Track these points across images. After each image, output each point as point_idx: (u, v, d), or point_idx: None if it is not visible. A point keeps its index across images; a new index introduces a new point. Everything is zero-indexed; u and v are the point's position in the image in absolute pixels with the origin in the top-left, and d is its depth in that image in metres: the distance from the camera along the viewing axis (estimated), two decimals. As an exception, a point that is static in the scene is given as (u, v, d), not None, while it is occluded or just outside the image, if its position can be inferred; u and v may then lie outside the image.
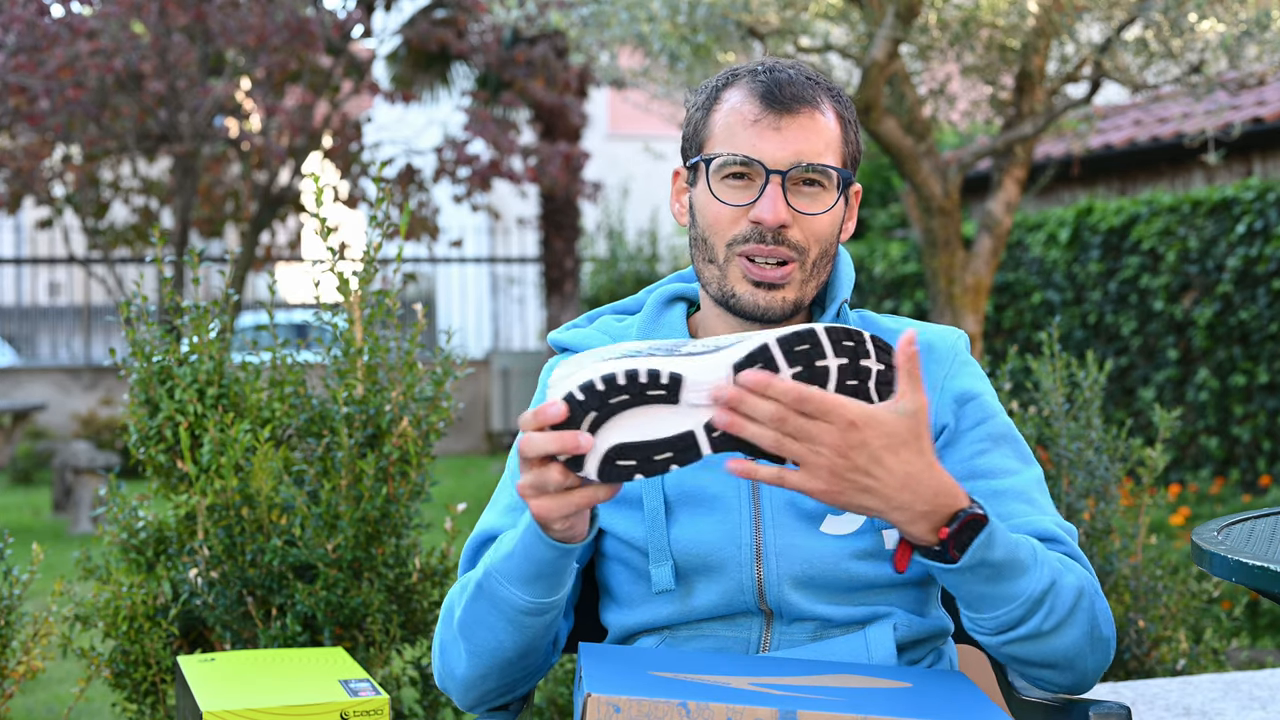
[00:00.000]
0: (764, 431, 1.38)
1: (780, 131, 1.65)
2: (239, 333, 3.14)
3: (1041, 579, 1.52)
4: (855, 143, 1.71)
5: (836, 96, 1.70)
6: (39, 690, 4.81)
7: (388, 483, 2.67)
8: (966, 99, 6.78)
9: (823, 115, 1.67)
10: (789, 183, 1.65)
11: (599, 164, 16.97)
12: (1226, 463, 7.73)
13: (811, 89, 1.67)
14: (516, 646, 1.61)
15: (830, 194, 1.67)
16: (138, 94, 9.45)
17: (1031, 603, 1.51)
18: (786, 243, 1.65)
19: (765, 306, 1.67)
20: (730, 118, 1.67)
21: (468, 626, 1.62)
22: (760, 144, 1.65)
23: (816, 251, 1.67)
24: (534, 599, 1.56)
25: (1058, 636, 1.55)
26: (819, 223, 1.67)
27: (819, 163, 1.65)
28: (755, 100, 1.66)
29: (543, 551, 1.52)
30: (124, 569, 2.71)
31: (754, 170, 1.65)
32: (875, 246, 10.84)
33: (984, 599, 1.51)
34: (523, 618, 1.58)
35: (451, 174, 10.41)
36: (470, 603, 1.62)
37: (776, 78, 1.66)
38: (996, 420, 1.71)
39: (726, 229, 1.67)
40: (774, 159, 1.64)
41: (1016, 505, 1.65)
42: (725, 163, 1.66)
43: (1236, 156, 8.27)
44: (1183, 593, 3.50)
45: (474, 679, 1.66)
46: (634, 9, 5.48)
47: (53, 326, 17.93)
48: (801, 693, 1.44)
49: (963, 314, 5.89)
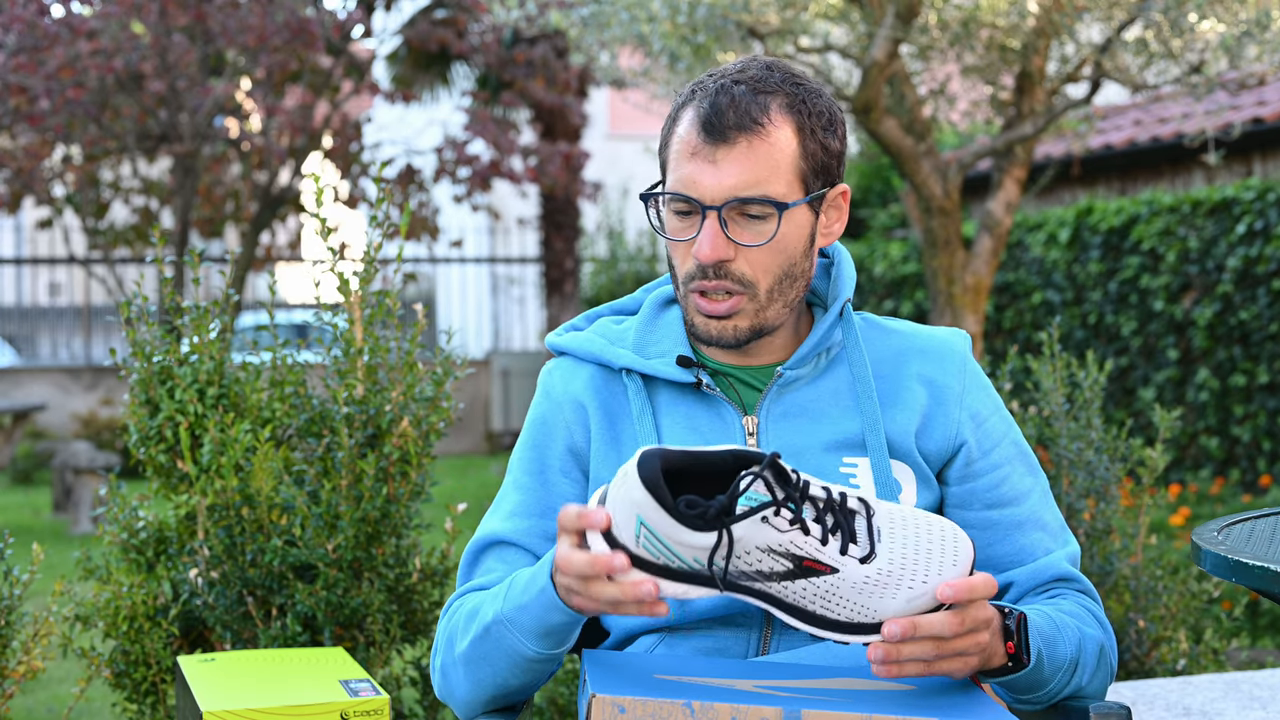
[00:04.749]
0: (921, 668, 1.45)
1: (716, 164, 1.61)
2: (239, 333, 3.14)
3: (1071, 643, 1.61)
4: (822, 148, 1.65)
5: (797, 105, 1.63)
6: (39, 690, 4.81)
7: (388, 483, 2.67)
8: (966, 99, 6.78)
9: (765, 140, 1.61)
10: (727, 215, 1.62)
11: (599, 164, 16.96)
12: (1226, 463, 7.73)
13: (758, 109, 1.61)
14: (521, 684, 1.63)
15: (771, 224, 1.63)
16: (138, 94, 9.45)
17: (1070, 668, 1.61)
18: (730, 276, 1.64)
19: (718, 336, 1.68)
20: (678, 146, 1.65)
21: (472, 662, 1.63)
22: (698, 177, 1.62)
23: (769, 281, 1.66)
24: (543, 650, 1.57)
25: (1088, 687, 1.65)
26: (763, 254, 1.64)
27: (754, 194, 1.61)
28: (695, 129, 1.63)
29: (558, 618, 1.52)
30: (124, 569, 2.71)
31: (693, 205, 1.64)
32: (875, 246, 10.84)
33: (1036, 684, 1.58)
34: (530, 665, 1.59)
35: (451, 174, 10.41)
36: (476, 641, 1.61)
37: (718, 102, 1.61)
38: (1009, 436, 1.75)
39: (679, 264, 1.68)
40: (708, 194, 1.62)
41: (1035, 535, 1.72)
42: (670, 199, 1.66)
43: (1236, 156, 8.27)
44: (1183, 593, 3.50)
45: (475, 703, 1.67)
46: (634, 9, 5.48)
47: (53, 326, 17.93)
48: (805, 694, 1.44)
49: (963, 314, 5.89)
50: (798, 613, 1.42)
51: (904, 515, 1.45)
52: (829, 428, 1.68)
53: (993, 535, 1.71)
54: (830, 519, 1.41)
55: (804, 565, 1.40)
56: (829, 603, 1.41)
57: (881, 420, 1.68)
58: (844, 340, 1.73)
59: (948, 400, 1.71)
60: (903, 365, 1.73)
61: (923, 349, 1.75)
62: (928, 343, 1.75)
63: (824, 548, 1.39)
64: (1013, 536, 1.71)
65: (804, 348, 1.70)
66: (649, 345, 1.74)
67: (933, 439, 1.70)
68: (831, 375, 1.72)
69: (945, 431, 1.70)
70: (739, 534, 1.37)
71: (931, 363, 1.73)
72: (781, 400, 1.70)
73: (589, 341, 1.77)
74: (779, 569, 1.40)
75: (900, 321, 1.80)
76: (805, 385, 1.71)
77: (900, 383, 1.72)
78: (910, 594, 1.41)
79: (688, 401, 1.71)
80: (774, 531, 1.38)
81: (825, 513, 1.41)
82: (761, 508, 1.37)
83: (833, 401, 1.70)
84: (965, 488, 1.71)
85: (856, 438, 1.67)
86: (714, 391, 1.69)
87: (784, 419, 1.68)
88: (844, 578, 1.40)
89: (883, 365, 1.73)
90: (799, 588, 1.41)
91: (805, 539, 1.39)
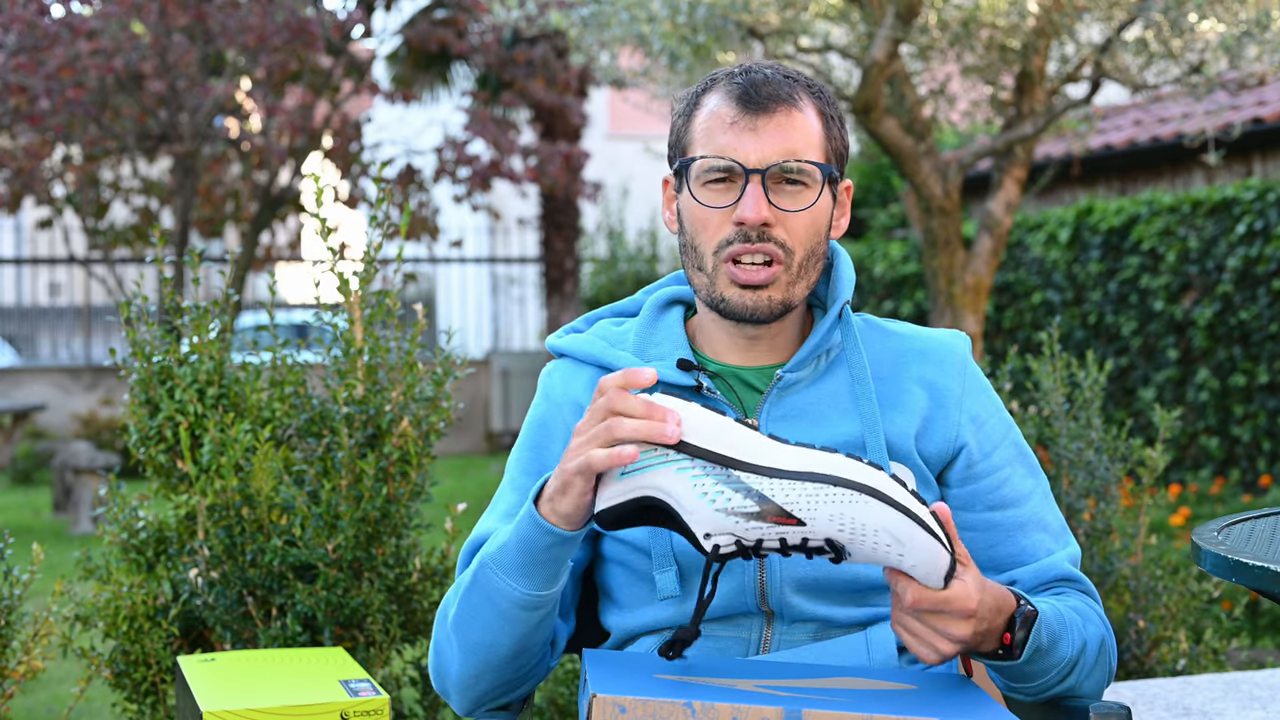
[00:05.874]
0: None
1: (757, 132, 1.65)
2: (239, 333, 3.14)
3: (1074, 644, 1.62)
4: (840, 139, 1.71)
5: (818, 94, 1.70)
6: (39, 690, 4.81)
7: (388, 483, 2.67)
8: (966, 99, 6.78)
9: (801, 113, 1.66)
10: (769, 181, 1.65)
11: (599, 164, 16.96)
12: (1226, 463, 7.73)
13: (789, 87, 1.67)
14: (510, 643, 1.61)
15: (813, 190, 1.67)
16: (138, 94, 9.45)
17: (1067, 668, 1.61)
18: (773, 240, 1.65)
19: (753, 308, 1.67)
20: (709, 121, 1.67)
21: (461, 622, 1.63)
22: (738, 145, 1.65)
23: (803, 252, 1.67)
24: (529, 591, 1.56)
25: (1082, 686, 1.66)
26: (803, 220, 1.66)
27: (798, 159, 1.65)
28: (732, 102, 1.66)
29: (539, 537, 1.52)
30: (124, 569, 2.71)
31: (734, 172, 1.65)
32: (875, 246, 10.84)
33: (1027, 675, 1.59)
34: (517, 611, 1.58)
35: (451, 174, 10.41)
36: (465, 596, 1.62)
37: (752, 79, 1.67)
38: (1009, 438, 1.76)
39: (712, 233, 1.67)
40: (752, 159, 1.64)
41: (1037, 536, 1.73)
42: (706, 166, 1.67)
43: (1236, 156, 8.27)
44: (1183, 593, 3.50)
45: (468, 678, 1.66)
46: (634, 9, 5.48)
47: (53, 326, 17.93)
48: (806, 694, 1.44)
49: (963, 314, 5.89)
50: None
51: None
52: (828, 430, 1.68)
53: (995, 536, 1.71)
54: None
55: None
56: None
57: (880, 423, 1.68)
58: (843, 342, 1.73)
59: (948, 403, 1.72)
60: (902, 368, 1.73)
61: (922, 351, 1.75)
62: (927, 345, 1.76)
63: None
64: (1015, 537, 1.72)
65: (803, 350, 1.70)
66: (649, 348, 1.74)
67: (933, 441, 1.70)
68: (831, 378, 1.72)
69: (945, 434, 1.71)
70: None
71: (931, 365, 1.74)
72: (781, 403, 1.70)
73: (589, 344, 1.77)
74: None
75: (900, 323, 1.80)
76: (805, 388, 1.71)
77: (900, 385, 1.72)
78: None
79: (688, 404, 1.71)
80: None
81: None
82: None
83: (832, 404, 1.70)
84: (967, 490, 1.72)
85: (856, 440, 1.67)
86: (714, 394, 1.69)
87: (784, 421, 1.69)
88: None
89: (882, 367, 1.73)
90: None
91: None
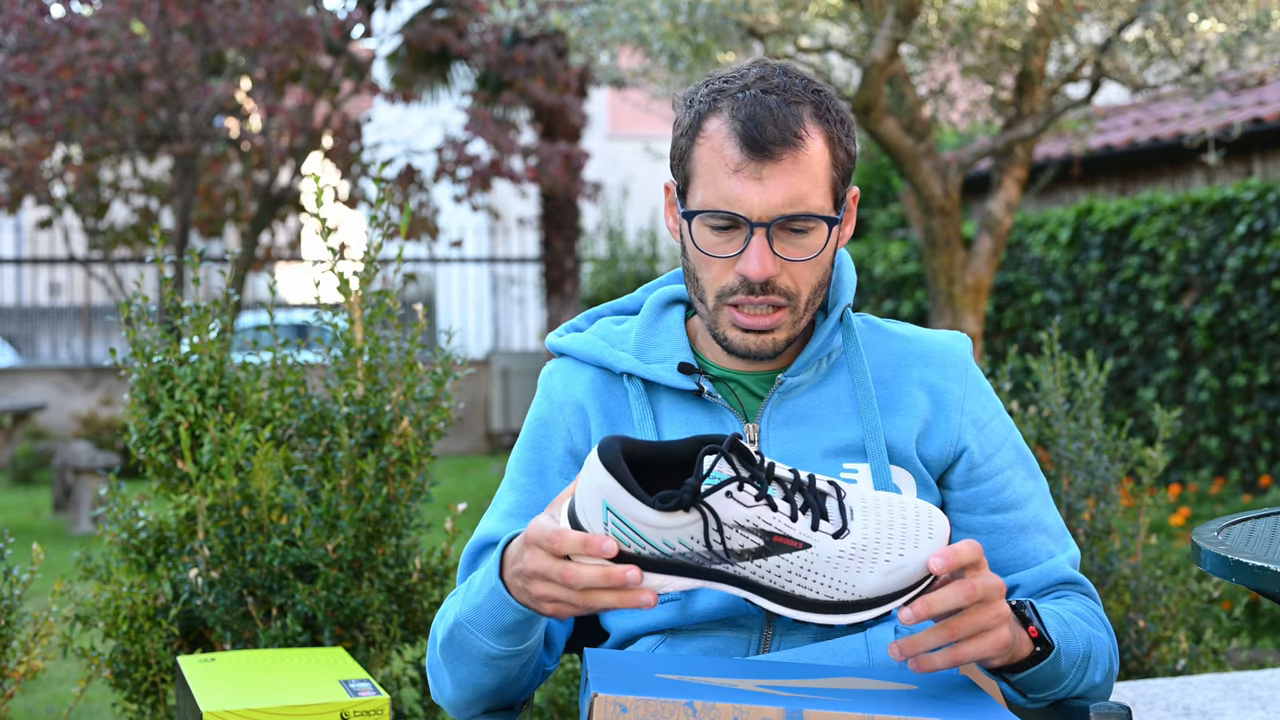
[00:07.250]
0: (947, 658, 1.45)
1: (762, 181, 1.58)
2: (239, 333, 3.14)
3: (1083, 640, 1.62)
4: (847, 154, 1.65)
5: (824, 113, 1.62)
6: (39, 690, 4.81)
7: (388, 483, 2.67)
8: (966, 99, 6.79)
9: (806, 151, 1.59)
10: (775, 231, 1.61)
11: (599, 164, 16.97)
12: (1226, 463, 7.73)
13: (795, 120, 1.59)
14: (496, 682, 1.63)
15: (819, 235, 1.63)
16: (138, 94, 9.45)
17: (1081, 666, 1.62)
18: (776, 290, 1.62)
19: (756, 350, 1.66)
20: (712, 160, 1.61)
21: (449, 662, 1.64)
22: (743, 196, 1.59)
23: (808, 293, 1.65)
24: (505, 648, 1.57)
25: (1085, 690, 1.65)
26: (806, 267, 1.63)
27: (803, 211, 1.60)
28: (735, 145, 1.59)
29: (509, 615, 1.53)
30: (124, 569, 2.71)
31: (738, 222, 1.61)
32: (875, 246, 10.84)
33: (1056, 677, 1.59)
34: (496, 661, 1.60)
35: (451, 174, 10.42)
36: (445, 643, 1.63)
37: (757, 117, 1.58)
38: (1010, 440, 1.76)
39: (715, 275, 1.64)
40: (756, 210, 1.59)
41: (1038, 538, 1.73)
42: (709, 215, 1.62)
43: (1236, 156, 8.27)
44: (1183, 593, 3.50)
45: (461, 703, 1.68)
46: (634, 9, 5.48)
47: (53, 326, 17.92)
48: (807, 694, 1.44)
49: (963, 314, 5.89)
50: (776, 595, 1.41)
51: (875, 496, 1.44)
52: (829, 434, 1.68)
53: (997, 539, 1.71)
54: (799, 498, 1.40)
55: (774, 541, 1.39)
56: (805, 580, 1.40)
57: (881, 426, 1.68)
58: (844, 345, 1.73)
59: (949, 406, 1.71)
60: (904, 370, 1.73)
61: (924, 354, 1.74)
62: (929, 347, 1.75)
63: (794, 524, 1.39)
64: (1017, 540, 1.72)
65: (805, 354, 1.70)
66: (650, 349, 1.74)
67: (934, 444, 1.70)
68: (832, 381, 1.71)
69: (947, 437, 1.70)
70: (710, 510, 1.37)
71: (933, 368, 1.73)
72: (783, 407, 1.69)
73: (590, 344, 1.77)
74: (750, 546, 1.39)
75: (901, 324, 1.80)
76: (806, 391, 1.70)
77: (901, 388, 1.72)
78: (887, 567, 1.39)
79: (689, 408, 1.71)
80: (740, 507, 1.37)
81: (794, 492, 1.40)
82: (727, 482, 1.37)
83: (833, 408, 1.70)
84: (968, 492, 1.72)
85: (857, 444, 1.67)
86: (715, 399, 1.69)
87: (785, 425, 1.68)
88: (817, 553, 1.39)
89: (883, 370, 1.73)
90: (772, 565, 1.40)
91: (774, 515, 1.38)
